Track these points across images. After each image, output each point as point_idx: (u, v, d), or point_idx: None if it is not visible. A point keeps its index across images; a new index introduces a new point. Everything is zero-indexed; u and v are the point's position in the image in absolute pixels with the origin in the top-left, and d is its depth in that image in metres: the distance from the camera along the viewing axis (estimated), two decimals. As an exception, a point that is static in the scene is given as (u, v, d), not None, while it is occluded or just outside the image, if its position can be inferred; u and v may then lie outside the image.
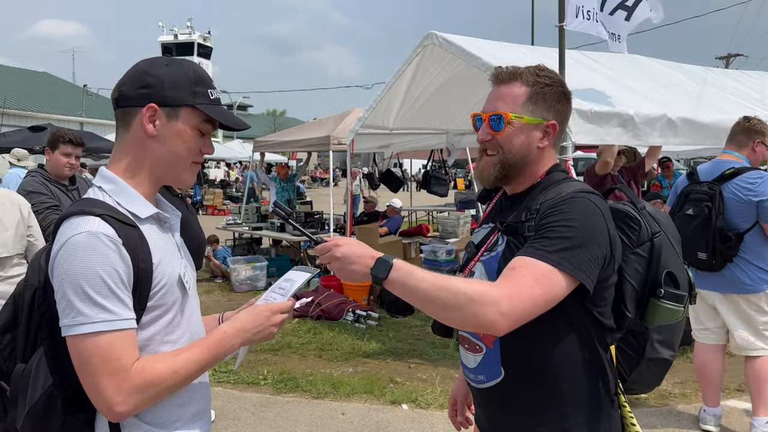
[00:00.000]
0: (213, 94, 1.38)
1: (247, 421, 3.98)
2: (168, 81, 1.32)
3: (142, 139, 1.33)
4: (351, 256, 1.31)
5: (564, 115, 1.51)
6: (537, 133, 1.47)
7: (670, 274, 1.45)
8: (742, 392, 4.28)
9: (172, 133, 1.33)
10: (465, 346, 1.55)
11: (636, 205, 1.50)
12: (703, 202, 3.47)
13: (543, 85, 1.47)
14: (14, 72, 30.68)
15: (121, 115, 1.34)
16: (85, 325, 1.16)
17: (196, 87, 1.34)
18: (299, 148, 10.11)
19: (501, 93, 1.49)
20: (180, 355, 1.27)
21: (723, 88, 6.63)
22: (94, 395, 1.19)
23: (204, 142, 1.38)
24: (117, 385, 1.17)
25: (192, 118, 1.34)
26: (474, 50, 5.19)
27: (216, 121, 1.38)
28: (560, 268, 1.27)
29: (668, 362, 1.51)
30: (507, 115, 1.45)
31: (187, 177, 1.40)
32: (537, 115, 1.46)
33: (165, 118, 1.32)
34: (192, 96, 1.33)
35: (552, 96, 1.48)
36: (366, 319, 6.09)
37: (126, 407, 1.19)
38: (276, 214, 1.57)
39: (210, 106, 1.36)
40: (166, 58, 1.38)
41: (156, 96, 1.31)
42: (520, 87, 1.47)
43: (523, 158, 1.47)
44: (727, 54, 32.51)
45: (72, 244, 1.18)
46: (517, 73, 1.48)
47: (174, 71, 1.34)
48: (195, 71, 1.37)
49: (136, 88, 1.31)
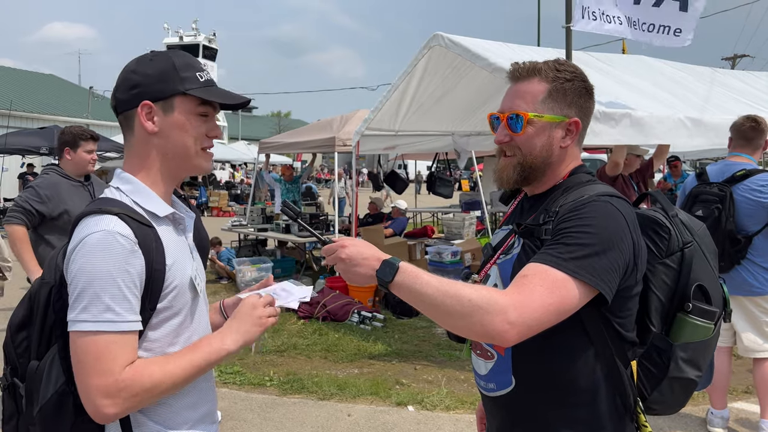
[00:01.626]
0: (203, 77, 1.35)
1: (253, 422, 3.98)
2: (155, 75, 1.31)
3: (145, 139, 1.33)
4: (356, 257, 1.27)
5: (587, 110, 1.43)
6: (559, 131, 1.39)
7: (701, 287, 1.37)
8: (750, 394, 4.26)
9: (173, 125, 1.32)
10: (477, 352, 1.49)
11: (667, 212, 1.40)
12: (713, 204, 3.44)
13: (564, 80, 1.38)
14: (21, 74, 30.87)
15: (123, 121, 1.35)
16: (87, 322, 1.16)
17: (184, 73, 1.32)
18: (304, 150, 10.11)
19: (519, 90, 1.41)
20: (172, 358, 1.26)
21: (730, 89, 6.61)
22: (83, 394, 1.18)
23: (208, 126, 1.37)
24: (106, 387, 1.16)
25: (187, 105, 1.33)
26: (480, 51, 5.18)
27: (215, 103, 1.36)
28: (575, 276, 1.20)
29: (694, 383, 1.39)
30: (526, 114, 1.37)
31: (202, 163, 1.38)
32: (558, 112, 1.38)
33: (162, 113, 1.32)
34: (181, 83, 1.31)
35: (574, 91, 1.39)
36: (371, 321, 6.09)
37: (113, 409, 1.17)
38: (284, 213, 1.56)
39: (202, 89, 1.34)
40: (151, 53, 1.37)
41: (147, 93, 1.30)
42: (540, 83, 1.39)
43: (544, 159, 1.39)
44: (734, 55, 32.43)
45: (88, 242, 1.19)
46: (536, 68, 1.40)
47: (159, 64, 1.33)
48: (180, 58, 1.35)
49: (127, 90, 1.32)
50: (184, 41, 44.61)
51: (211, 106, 1.36)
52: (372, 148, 9.15)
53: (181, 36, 44.82)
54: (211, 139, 1.38)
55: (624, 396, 1.33)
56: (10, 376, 1.29)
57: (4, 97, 22.58)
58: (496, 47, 5.75)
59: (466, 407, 4.13)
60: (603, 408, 1.32)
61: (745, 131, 3.60)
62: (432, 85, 6.67)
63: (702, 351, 1.39)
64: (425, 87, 6.67)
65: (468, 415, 4.03)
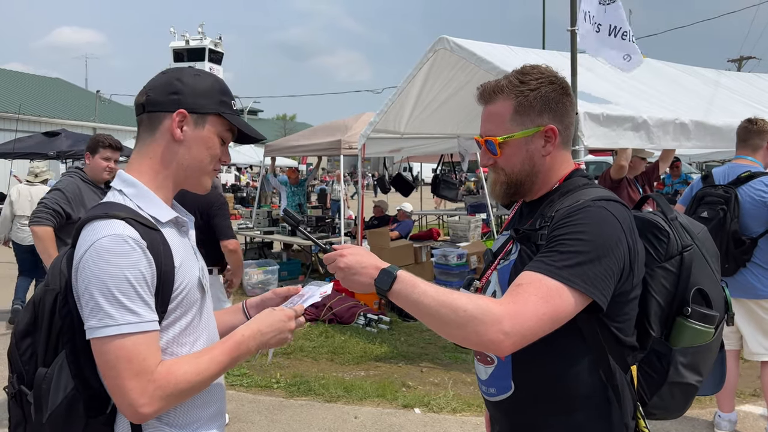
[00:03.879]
0: (235, 105, 1.46)
1: (260, 425, 4.00)
2: (199, 89, 1.37)
3: (168, 144, 1.36)
4: (355, 266, 1.29)
5: (562, 111, 1.40)
6: (537, 142, 1.39)
7: (701, 291, 1.36)
8: (757, 397, 4.25)
9: (198, 139, 1.37)
10: (477, 357, 1.49)
11: (666, 215, 1.39)
12: (718, 206, 3.45)
13: (528, 92, 1.38)
14: (29, 78, 31.07)
15: (147, 120, 1.37)
16: (111, 327, 1.17)
17: (223, 97, 1.41)
18: (310, 153, 10.14)
19: (488, 114, 1.44)
20: (203, 356, 1.29)
21: (735, 91, 6.60)
22: (118, 397, 1.19)
23: (223, 150, 1.43)
24: (142, 387, 1.18)
25: (217, 126, 1.40)
26: (485, 55, 5.20)
27: (235, 132, 1.44)
28: (569, 284, 1.20)
29: (694, 388, 1.39)
30: (495, 139, 1.40)
31: (207, 182, 1.45)
32: (529, 125, 1.38)
33: (193, 125, 1.36)
34: (219, 105, 1.39)
35: (541, 99, 1.38)
36: (377, 323, 6.10)
37: (151, 408, 1.19)
38: (285, 221, 1.60)
39: (234, 116, 1.42)
40: (195, 69, 1.43)
41: (186, 102, 1.35)
42: (504, 102, 1.40)
43: (529, 173, 1.40)
44: (739, 57, 32.32)
45: (98, 247, 1.20)
46: (498, 88, 1.41)
47: (203, 81, 1.40)
48: (221, 83, 1.43)
49: (167, 93, 1.35)
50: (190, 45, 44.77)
51: (231, 133, 1.44)
52: (377, 150, 9.18)
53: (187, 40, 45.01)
54: (221, 163, 1.44)
55: (623, 401, 1.32)
56: (17, 383, 1.29)
57: (13, 101, 22.72)
58: (500, 50, 5.77)
59: (472, 410, 4.14)
60: (600, 413, 1.32)
61: (740, 132, 3.64)
62: (437, 87, 6.69)
63: (703, 355, 1.38)
64: (431, 90, 6.69)
65: (475, 417, 4.04)
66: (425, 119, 7.48)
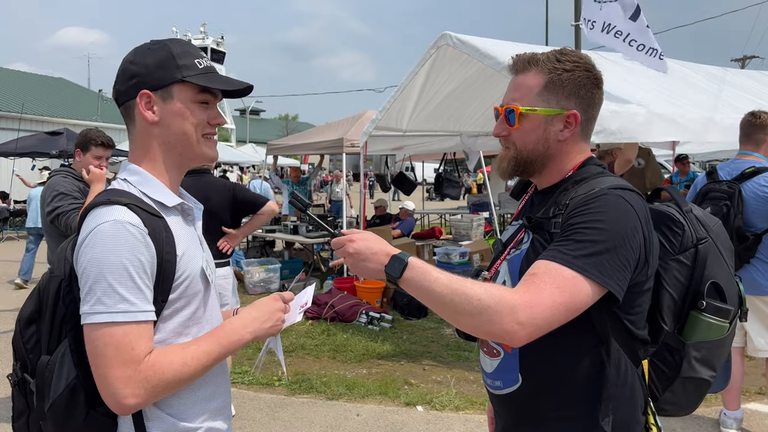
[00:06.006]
0: (202, 63, 1.34)
1: (261, 422, 3.98)
2: (152, 64, 1.30)
3: (146, 129, 1.32)
4: (365, 252, 1.25)
5: (590, 101, 1.37)
6: (556, 124, 1.35)
7: (716, 285, 1.33)
8: (763, 395, 4.22)
9: (172, 114, 1.31)
10: (484, 349, 1.45)
11: (681, 208, 1.36)
12: (722, 201, 3.42)
13: (562, 71, 1.33)
14: (32, 78, 31.10)
15: (125, 112, 1.34)
16: (102, 314, 1.14)
17: (182, 60, 1.31)
18: (312, 151, 10.13)
19: (516, 83, 1.39)
20: (190, 347, 1.25)
21: (740, 88, 6.56)
22: (102, 386, 1.16)
23: (210, 113, 1.35)
24: (127, 377, 1.15)
25: (186, 93, 1.31)
26: (488, 50, 5.17)
27: (216, 90, 1.34)
28: (586, 274, 1.16)
29: (707, 383, 1.35)
30: (517, 108, 1.35)
31: (206, 150, 1.36)
32: (554, 105, 1.34)
33: (161, 101, 1.30)
34: (179, 70, 1.30)
35: (573, 82, 1.34)
36: (379, 321, 6.08)
37: (135, 400, 1.16)
38: (293, 205, 1.56)
39: (201, 76, 1.31)
40: (149, 42, 1.36)
41: (145, 82, 1.29)
42: (536, 76, 1.35)
43: (540, 154, 1.36)
44: (743, 56, 32.31)
45: (98, 233, 1.17)
46: (534, 60, 1.36)
47: (156, 53, 1.31)
48: (177, 46, 1.33)
49: (126, 80, 1.31)
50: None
51: (211, 93, 1.34)
52: (380, 148, 9.15)
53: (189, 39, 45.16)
54: (213, 127, 1.36)
55: (634, 396, 1.29)
56: (20, 371, 1.28)
57: (16, 100, 22.76)
58: (504, 46, 5.73)
59: (475, 407, 4.11)
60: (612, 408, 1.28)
61: (743, 126, 3.60)
62: (440, 84, 6.66)
63: (716, 350, 1.35)
64: (433, 86, 6.67)
65: (477, 415, 4.01)
66: (428, 116, 7.46)
